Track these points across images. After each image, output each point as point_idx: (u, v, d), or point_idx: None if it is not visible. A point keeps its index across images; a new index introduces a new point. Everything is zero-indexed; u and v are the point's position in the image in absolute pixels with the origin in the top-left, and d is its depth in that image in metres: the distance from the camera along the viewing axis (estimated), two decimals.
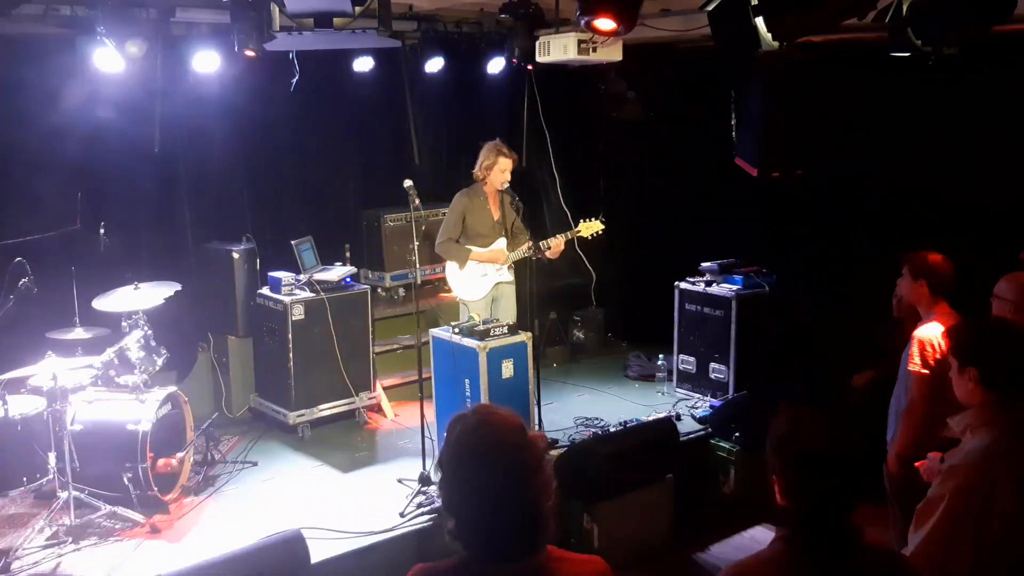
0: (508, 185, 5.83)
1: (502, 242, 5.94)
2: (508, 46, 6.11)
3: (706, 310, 6.60)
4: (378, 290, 7.20)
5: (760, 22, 3.94)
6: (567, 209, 7.30)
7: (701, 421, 6.07)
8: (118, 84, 5.37)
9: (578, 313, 8.11)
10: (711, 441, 5.80)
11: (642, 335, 7.96)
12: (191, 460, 5.26)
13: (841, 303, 6.58)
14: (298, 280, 6.13)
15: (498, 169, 5.78)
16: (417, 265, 5.32)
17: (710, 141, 5.80)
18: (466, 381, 5.18)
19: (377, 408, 6.46)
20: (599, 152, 8.33)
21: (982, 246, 5.36)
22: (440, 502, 4.94)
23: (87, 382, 4.93)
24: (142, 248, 6.17)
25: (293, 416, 5.98)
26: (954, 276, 4.03)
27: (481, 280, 5.93)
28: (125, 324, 5.18)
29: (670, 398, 6.73)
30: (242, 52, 4.85)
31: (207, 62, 5.66)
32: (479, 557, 1.90)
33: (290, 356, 5.95)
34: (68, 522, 4.54)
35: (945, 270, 4.01)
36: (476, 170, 5.88)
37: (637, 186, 8.14)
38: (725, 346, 6.44)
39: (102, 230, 5.40)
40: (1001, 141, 5.79)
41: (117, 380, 5.04)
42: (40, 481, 4.76)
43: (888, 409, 4.21)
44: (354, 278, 6.43)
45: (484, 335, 5.16)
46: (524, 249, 5.82)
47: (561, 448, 5.47)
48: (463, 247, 5.90)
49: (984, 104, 5.84)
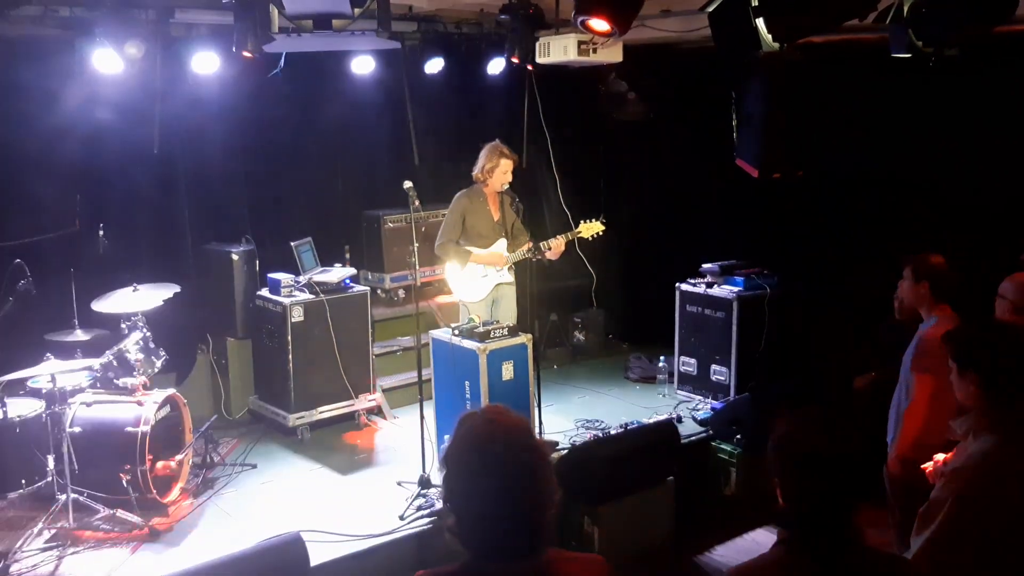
0: (509, 186, 5.82)
1: (502, 243, 5.93)
2: (508, 47, 6.10)
3: (707, 312, 6.59)
4: (378, 291, 7.19)
5: (760, 23, 3.93)
6: (567, 210, 7.29)
7: (702, 423, 6.06)
8: (117, 85, 5.37)
9: (579, 314, 8.10)
10: (712, 443, 5.79)
11: (643, 337, 7.96)
12: (190, 462, 5.25)
13: (842, 304, 6.58)
14: (297, 282, 6.12)
15: (500, 171, 5.77)
16: (417, 266, 5.30)
17: (711, 142, 5.80)
18: (466, 383, 5.17)
19: (377, 410, 6.45)
20: (599, 153, 8.32)
21: (982, 247, 5.35)
22: (441, 502, 4.95)
23: (86, 384, 4.93)
24: (141, 250, 6.17)
25: (292, 418, 5.97)
26: (954, 278, 4.02)
27: (481, 281, 5.92)
28: (124, 326, 5.17)
29: (671, 400, 6.72)
30: (238, 53, 4.83)
31: (206, 63, 5.66)
32: (480, 557, 1.89)
33: (289, 358, 5.94)
34: (67, 525, 4.53)
35: (947, 272, 4.01)
36: (476, 172, 5.87)
37: (638, 187, 8.13)
38: (726, 348, 6.43)
39: (101, 232, 5.39)
40: (1001, 141, 5.79)
41: (116, 382, 5.03)
42: (39, 483, 4.75)
43: (888, 411, 4.20)
44: (354, 279, 6.42)
45: (484, 337, 5.15)
46: (524, 250, 5.81)
47: (562, 450, 5.45)
48: (463, 248, 5.89)
49: (984, 104, 5.83)
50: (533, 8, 5.80)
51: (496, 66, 6.75)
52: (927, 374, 3.84)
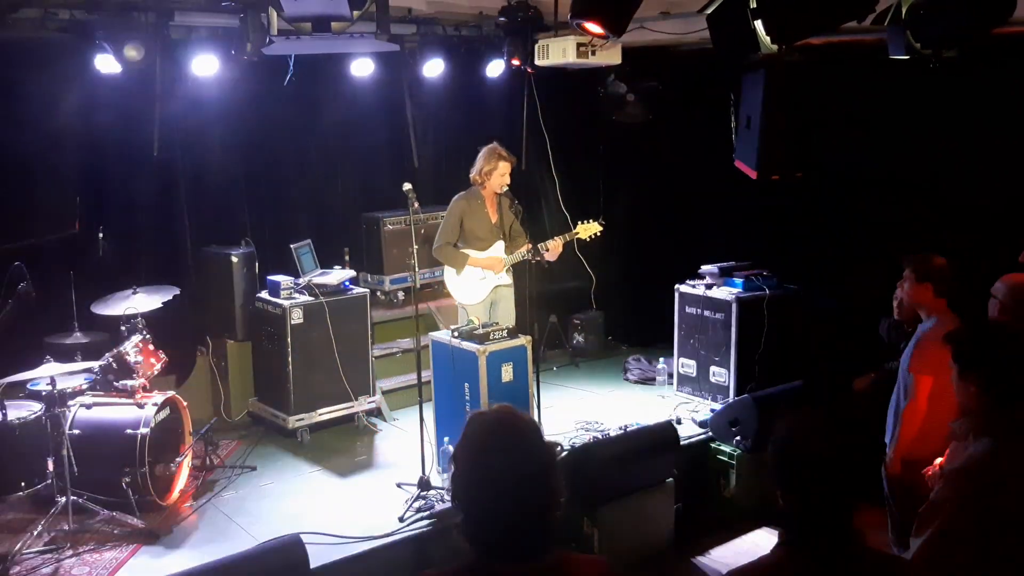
0: (507, 188, 5.82)
1: (500, 245, 5.93)
2: (507, 50, 6.11)
3: (706, 313, 6.59)
4: (377, 293, 7.19)
5: (759, 25, 3.95)
6: (566, 212, 7.30)
7: (702, 424, 6.06)
8: (117, 88, 5.38)
9: (578, 316, 8.10)
10: (712, 445, 5.79)
11: (642, 338, 7.96)
12: (189, 465, 5.25)
13: (841, 305, 6.58)
14: (297, 284, 6.12)
15: (498, 173, 5.77)
16: (416, 268, 5.30)
17: (710, 144, 5.81)
18: (466, 385, 5.17)
19: (376, 412, 6.45)
20: (598, 155, 8.32)
21: (982, 247, 5.35)
22: (441, 505, 4.94)
23: (85, 386, 4.93)
24: (141, 252, 6.16)
25: (292, 420, 5.97)
26: (955, 278, 4.03)
27: (479, 284, 5.92)
28: (124, 328, 5.16)
29: (670, 401, 6.71)
30: (241, 56, 4.84)
31: (206, 66, 5.66)
32: (487, 556, 1.89)
33: (289, 360, 5.94)
34: (66, 527, 4.52)
35: (948, 273, 4.01)
36: (474, 174, 5.87)
37: (637, 189, 8.13)
38: (725, 349, 6.43)
39: (101, 234, 5.40)
40: (1001, 141, 5.79)
41: (116, 384, 5.03)
42: (38, 486, 4.75)
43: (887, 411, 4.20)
44: (353, 282, 6.42)
45: (483, 339, 5.15)
46: (522, 252, 5.81)
47: (562, 451, 5.45)
48: (460, 252, 5.89)
49: (984, 104, 5.84)
50: (532, 11, 5.81)
51: (495, 68, 6.76)
52: (925, 374, 3.85)
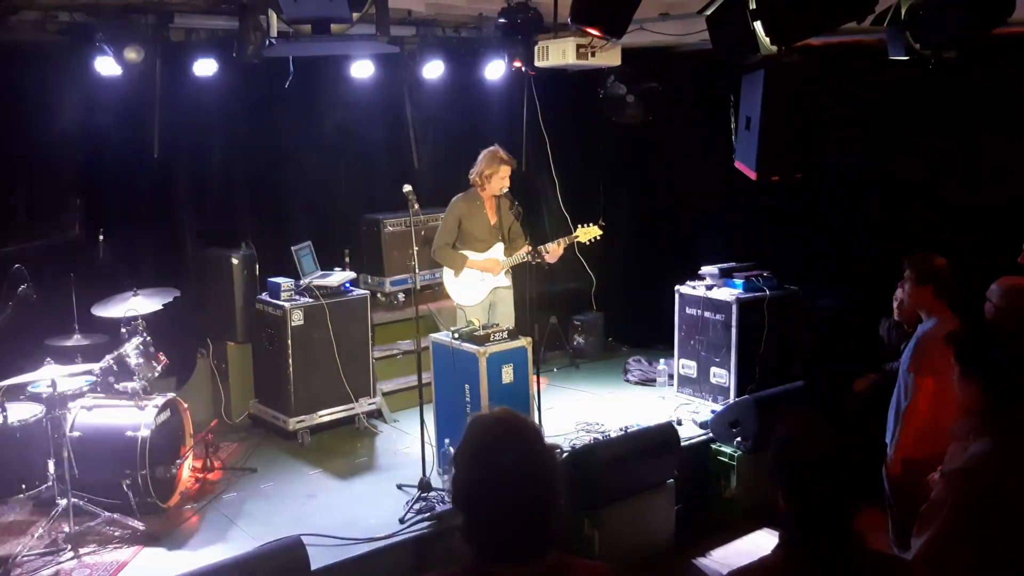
0: (507, 190, 5.83)
1: (499, 247, 5.93)
2: (507, 51, 6.11)
3: (707, 314, 6.59)
4: (377, 295, 7.19)
5: (758, 26, 3.95)
6: (566, 213, 7.30)
7: (702, 426, 6.06)
8: (117, 90, 5.38)
9: (578, 317, 8.10)
10: (712, 446, 5.78)
11: (642, 339, 7.96)
12: (190, 467, 5.25)
13: (841, 306, 6.58)
14: (297, 286, 6.12)
15: (498, 176, 5.78)
16: (417, 270, 5.30)
17: (709, 145, 5.81)
18: (466, 386, 5.16)
19: (377, 414, 6.45)
20: (598, 156, 8.33)
21: (982, 247, 5.35)
22: (441, 507, 4.93)
23: (86, 389, 4.93)
24: (141, 254, 6.17)
25: (293, 422, 5.97)
26: (956, 279, 4.03)
27: (478, 285, 5.92)
28: (124, 330, 5.16)
29: (671, 402, 6.71)
30: (241, 59, 4.85)
31: (205, 68, 5.66)
32: (486, 558, 1.89)
33: (289, 362, 5.94)
34: (67, 529, 4.52)
35: (949, 273, 4.01)
36: (473, 176, 5.87)
37: (637, 190, 8.14)
38: (726, 350, 6.43)
39: (101, 236, 5.40)
40: (1001, 142, 5.80)
41: (116, 387, 5.03)
42: (39, 488, 4.75)
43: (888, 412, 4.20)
44: (353, 283, 6.43)
45: (484, 340, 5.15)
46: (522, 254, 5.81)
47: (562, 453, 5.45)
48: (459, 254, 5.90)
49: (983, 105, 5.84)
50: (532, 12, 5.82)
51: (495, 70, 6.76)
52: (926, 375, 3.84)
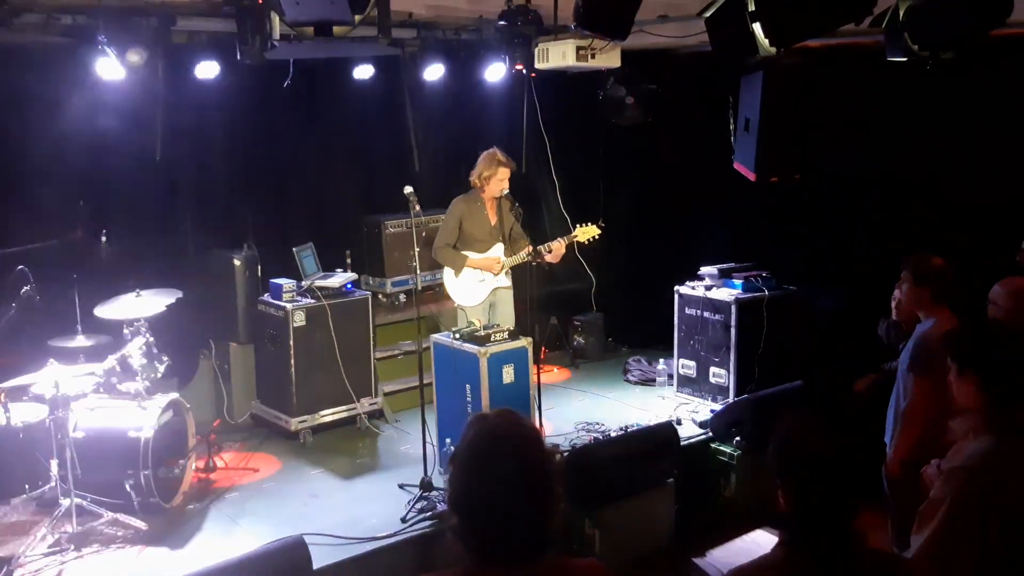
0: (507, 192, 5.85)
1: (499, 248, 5.95)
2: (507, 53, 6.12)
3: (706, 314, 6.61)
4: (379, 296, 7.21)
5: (757, 28, 3.97)
6: (567, 215, 7.31)
7: (702, 425, 6.07)
8: (120, 92, 5.39)
9: (578, 318, 8.12)
10: (712, 445, 5.80)
11: (642, 339, 7.97)
12: (193, 467, 5.27)
13: (841, 306, 6.59)
14: (299, 287, 6.14)
15: (497, 179, 5.80)
16: (418, 271, 5.32)
17: (709, 146, 5.82)
18: (467, 387, 5.18)
19: (378, 414, 6.47)
20: (598, 157, 8.34)
21: (981, 247, 5.37)
22: (443, 506, 4.94)
23: (89, 389, 4.93)
24: (144, 255, 6.17)
25: (295, 422, 5.98)
26: (954, 279, 4.04)
27: (479, 286, 5.94)
28: (127, 331, 5.18)
29: (671, 402, 6.72)
30: (244, 61, 4.86)
31: (208, 70, 5.69)
32: (481, 561, 1.89)
33: (291, 362, 5.96)
34: (70, 530, 4.54)
35: (947, 274, 4.02)
36: (473, 177, 5.90)
37: (636, 191, 8.15)
38: (725, 350, 6.45)
39: (104, 238, 5.42)
40: (999, 142, 5.81)
41: (119, 387, 5.04)
42: (42, 488, 4.76)
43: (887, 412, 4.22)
44: (355, 284, 6.44)
45: (485, 340, 5.17)
46: (523, 255, 5.83)
47: (563, 452, 5.46)
48: (459, 254, 5.91)
49: (982, 106, 5.86)
50: (532, 15, 5.83)
51: (495, 72, 6.77)
52: (925, 375, 3.85)
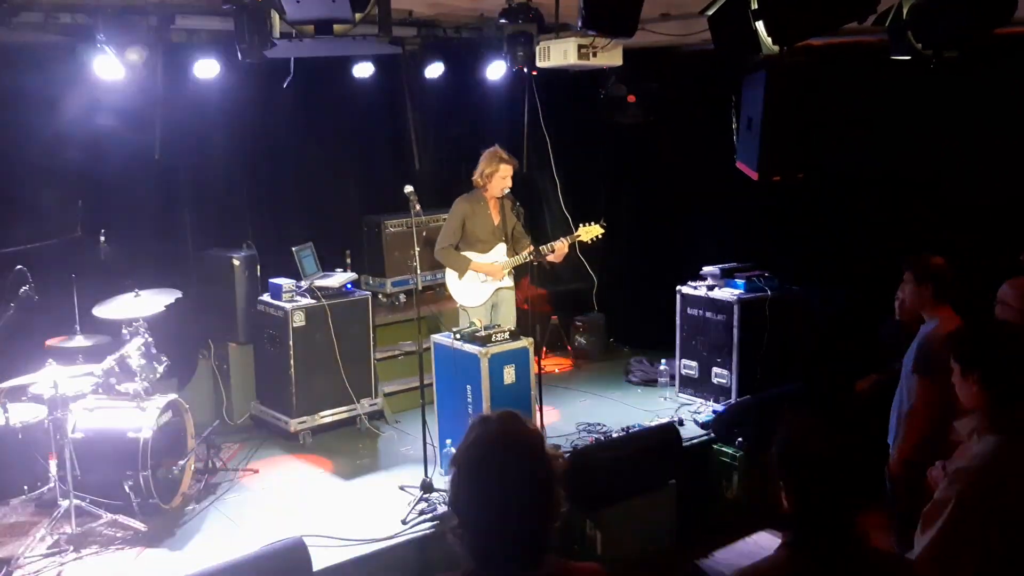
0: (509, 191, 5.83)
1: (502, 248, 5.94)
2: (508, 52, 6.10)
3: (708, 314, 6.59)
4: (379, 296, 7.19)
5: (760, 26, 3.95)
6: (568, 214, 7.30)
7: (704, 426, 6.06)
8: (118, 91, 5.38)
9: (580, 318, 8.10)
10: (714, 446, 5.78)
11: (644, 340, 7.95)
12: (192, 468, 5.25)
13: (843, 306, 6.57)
14: (299, 287, 6.12)
15: (499, 176, 5.78)
16: (418, 271, 5.31)
17: (711, 145, 5.80)
18: (468, 387, 5.17)
19: (379, 415, 6.45)
20: (600, 156, 8.33)
21: (984, 247, 5.35)
22: (443, 508, 4.93)
23: (88, 390, 4.93)
24: (142, 255, 6.15)
25: (294, 423, 5.97)
26: (956, 279, 4.02)
27: (482, 286, 5.93)
28: (126, 332, 5.17)
29: (672, 403, 6.71)
30: (244, 60, 4.85)
31: (207, 69, 5.67)
32: (482, 564, 1.88)
33: (291, 363, 5.94)
34: (69, 530, 4.52)
35: (949, 273, 4.00)
36: (476, 176, 5.88)
37: (638, 190, 8.14)
38: (727, 351, 6.43)
39: (102, 237, 5.40)
40: (1002, 142, 5.79)
41: (118, 388, 5.03)
42: (41, 489, 4.76)
43: (890, 412, 4.20)
44: (355, 284, 6.43)
45: (485, 341, 5.15)
46: (525, 255, 5.81)
47: (564, 453, 5.45)
48: (462, 256, 5.90)
49: (985, 105, 5.84)
50: (533, 13, 5.81)
51: (496, 70, 6.76)
52: (928, 376, 3.84)
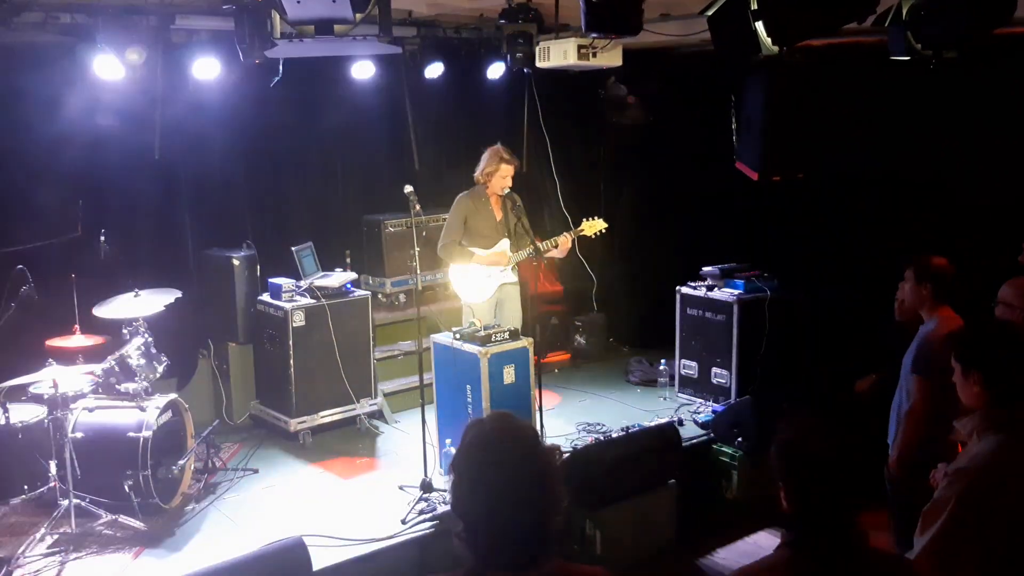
0: (509, 190, 5.83)
1: (504, 243, 5.94)
2: (507, 52, 6.11)
3: (708, 315, 6.59)
4: (379, 296, 7.19)
5: (760, 26, 3.95)
6: (567, 214, 7.30)
7: (703, 426, 6.06)
8: (118, 91, 5.39)
9: (580, 318, 8.10)
10: (714, 446, 5.79)
11: (644, 340, 7.96)
12: (192, 468, 5.25)
13: (842, 306, 6.57)
14: (299, 286, 6.12)
15: (499, 175, 5.79)
16: (418, 271, 5.31)
17: (710, 145, 5.81)
18: (467, 387, 5.17)
19: (378, 415, 6.45)
20: (599, 157, 8.33)
21: (984, 248, 5.35)
22: (443, 507, 4.93)
23: (88, 390, 4.93)
24: (142, 255, 6.16)
25: (294, 423, 5.97)
26: (956, 279, 4.02)
27: (486, 282, 5.92)
28: (126, 331, 5.17)
29: (672, 403, 6.72)
30: (245, 60, 4.85)
31: (207, 69, 5.67)
32: (485, 564, 1.88)
33: (291, 363, 5.94)
34: (69, 530, 4.53)
35: (949, 273, 4.00)
36: (477, 173, 5.89)
37: (638, 190, 8.14)
38: (727, 351, 6.43)
39: (102, 237, 5.39)
40: (1002, 142, 5.80)
41: (118, 387, 5.02)
42: (41, 489, 4.75)
43: (889, 412, 4.20)
44: (355, 284, 6.43)
45: (485, 341, 5.15)
46: (528, 251, 5.81)
47: (564, 453, 5.45)
48: (466, 249, 5.90)
49: (985, 105, 5.84)
50: (532, 13, 5.82)
51: (496, 70, 6.76)
52: (927, 376, 3.84)
